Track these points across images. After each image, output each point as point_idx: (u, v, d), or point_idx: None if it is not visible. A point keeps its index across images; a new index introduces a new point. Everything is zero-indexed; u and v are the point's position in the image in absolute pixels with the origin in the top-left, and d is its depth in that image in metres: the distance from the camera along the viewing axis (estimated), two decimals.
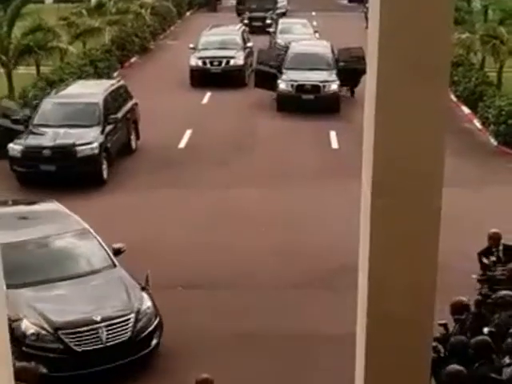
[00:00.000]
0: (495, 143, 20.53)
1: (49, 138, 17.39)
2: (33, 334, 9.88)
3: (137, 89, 22.00)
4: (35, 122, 18.03)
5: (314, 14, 42.84)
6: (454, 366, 7.10)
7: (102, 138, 17.65)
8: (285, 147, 20.23)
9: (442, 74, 3.47)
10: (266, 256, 13.58)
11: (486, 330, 8.11)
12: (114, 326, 10.08)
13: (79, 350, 9.87)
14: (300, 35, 30.68)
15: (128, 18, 33.52)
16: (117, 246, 11.40)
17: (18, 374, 7.22)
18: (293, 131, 21.53)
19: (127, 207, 16.04)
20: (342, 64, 24.43)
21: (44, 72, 24.59)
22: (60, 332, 9.91)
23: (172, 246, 13.88)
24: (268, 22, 37.64)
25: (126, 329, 10.13)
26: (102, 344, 9.94)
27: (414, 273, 3.60)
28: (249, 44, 29.02)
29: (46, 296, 10.48)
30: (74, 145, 17.16)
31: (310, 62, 24.59)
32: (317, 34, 33.00)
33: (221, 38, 28.88)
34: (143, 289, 10.63)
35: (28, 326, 9.92)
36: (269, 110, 23.57)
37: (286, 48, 26.13)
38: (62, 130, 17.57)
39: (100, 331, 9.95)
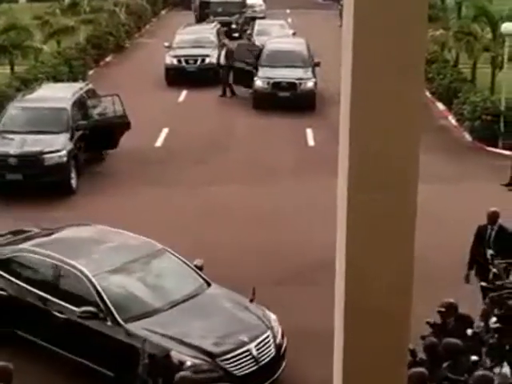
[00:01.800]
0: (470, 139, 20.71)
1: (15, 145, 16.71)
2: (191, 366, 9.10)
3: (112, 88, 21.90)
4: (1, 128, 17.35)
5: (288, 11, 42.87)
6: (418, 368, 7.18)
7: (70, 145, 17.07)
8: (261, 145, 20.27)
9: (417, 71, 3.49)
10: (246, 253, 13.61)
11: (469, 331, 8.19)
12: (261, 345, 9.61)
13: (239, 374, 9.34)
14: (279, 37, 30.15)
15: (102, 16, 33.37)
16: (196, 262, 10.92)
17: None
18: (269, 129, 21.58)
19: (102, 211, 15.87)
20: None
21: (19, 71, 24.40)
22: (218, 359, 9.26)
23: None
24: (233, 26, 35.37)
25: (270, 345, 9.67)
26: (256, 365, 9.46)
27: (390, 268, 3.63)
28: (225, 41, 29.00)
29: (175, 324, 9.73)
30: (41, 152, 16.53)
31: (285, 59, 24.64)
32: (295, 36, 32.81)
33: (196, 36, 28.85)
34: (251, 301, 10.24)
35: (182, 358, 9.20)
36: (245, 108, 23.60)
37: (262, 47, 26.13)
38: (28, 137, 16.89)
39: (253, 352, 9.45)
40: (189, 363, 9.09)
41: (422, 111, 3.73)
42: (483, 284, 9.86)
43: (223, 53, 25.67)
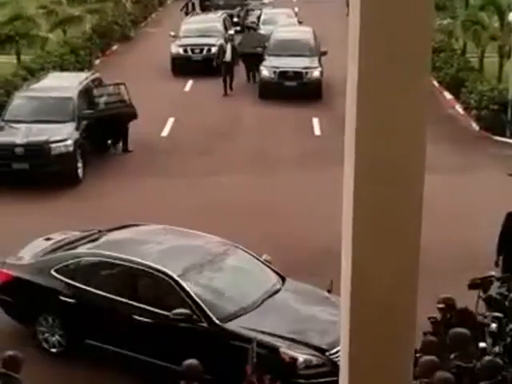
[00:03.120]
0: (477, 128, 20.62)
1: (21, 134, 16.65)
2: (303, 361, 8.94)
3: (118, 77, 21.85)
4: (6, 117, 17.32)
5: (294, 0, 42.70)
6: (428, 357, 7.17)
7: (76, 135, 17.02)
8: (267, 134, 20.22)
9: (424, 60, 3.46)
10: (252, 243, 13.57)
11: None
12: None
13: None
14: (285, 26, 29.87)
15: (108, 6, 33.31)
16: (264, 257, 10.75)
17: (5, 363, 7.22)
18: (275, 118, 21.52)
19: (109, 201, 15.87)
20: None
21: (25, 61, 24.38)
22: (328, 353, 8.99)
23: None
24: (235, 20, 33.28)
25: None
26: None
27: (396, 261, 3.61)
28: (230, 31, 28.90)
29: (270, 321, 9.50)
30: (47, 142, 16.47)
31: (291, 48, 24.54)
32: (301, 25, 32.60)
33: (202, 25, 28.74)
34: (328, 292, 10.07)
35: (293, 354, 8.96)
36: (251, 97, 23.54)
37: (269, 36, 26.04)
38: (34, 126, 16.84)
39: None
40: (301, 359, 8.89)
41: (429, 101, 3.70)
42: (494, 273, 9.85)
43: (229, 48, 24.62)
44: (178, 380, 7.53)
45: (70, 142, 16.71)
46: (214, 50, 26.84)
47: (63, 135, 16.74)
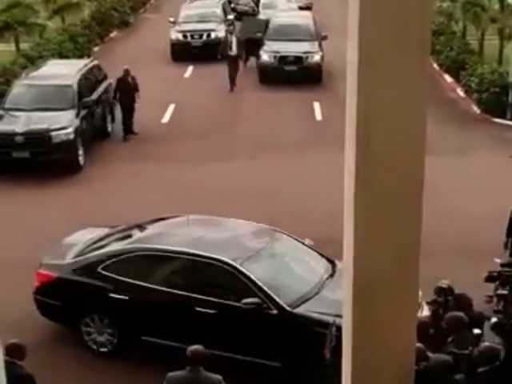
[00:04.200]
0: (478, 111, 20.60)
1: (21, 122, 16.59)
2: None
3: (117, 64, 21.82)
4: (6, 105, 17.28)
5: None
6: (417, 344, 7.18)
7: (77, 122, 16.95)
8: (268, 119, 20.20)
9: (424, 43, 3.47)
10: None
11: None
12: None
13: None
14: (284, 11, 29.69)
15: None
16: (307, 242, 10.69)
17: (10, 351, 7.27)
18: (276, 103, 21.49)
19: (111, 188, 15.88)
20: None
21: (23, 49, 24.34)
22: None
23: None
24: (233, 5, 32.02)
25: None
26: None
27: (398, 241, 3.63)
28: (229, 16, 28.80)
29: (337, 305, 9.10)
30: (48, 130, 16.42)
31: (292, 33, 24.49)
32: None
33: (201, 11, 28.66)
34: None
35: None
36: (251, 82, 23.50)
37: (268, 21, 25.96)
38: (34, 115, 16.78)
39: None
40: None
41: (429, 84, 3.71)
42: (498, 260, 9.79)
43: (234, 41, 23.44)
44: (184, 365, 7.56)
45: (70, 129, 16.66)
46: (213, 35, 26.78)
47: (64, 123, 16.69)
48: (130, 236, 10.93)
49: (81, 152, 16.97)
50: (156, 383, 8.08)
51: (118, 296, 10.00)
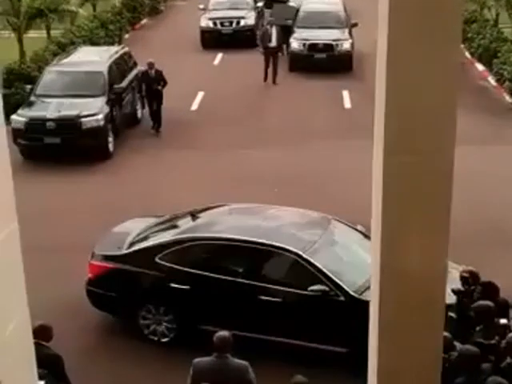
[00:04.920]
0: (510, 100, 20.35)
1: (52, 108, 16.73)
2: None
3: (147, 51, 21.88)
4: (37, 92, 17.43)
5: None
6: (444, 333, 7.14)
7: (107, 109, 17.04)
8: (297, 107, 20.15)
9: (455, 31, 3.43)
10: None
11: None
12: None
13: None
14: None
15: None
16: (360, 228, 10.62)
17: (37, 332, 7.36)
18: (305, 91, 21.41)
19: (140, 175, 15.97)
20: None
21: (55, 35, 24.50)
22: None
23: (181, 208, 13.42)
24: None
25: None
26: None
27: (426, 230, 3.61)
28: (259, 3, 28.70)
29: None
30: (79, 116, 16.53)
31: (321, 20, 24.35)
32: None
33: None
34: None
35: None
36: (281, 70, 23.40)
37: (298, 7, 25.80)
38: (65, 101, 16.91)
39: None
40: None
41: (460, 72, 3.67)
42: None
43: (275, 32, 22.33)
44: (211, 352, 7.59)
45: (100, 116, 16.75)
46: (243, 22, 26.71)
47: (94, 109, 16.79)
48: (182, 225, 10.76)
49: (111, 139, 17.05)
50: None
51: (178, 286, 9.91)
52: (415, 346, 3.73)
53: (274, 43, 22.24)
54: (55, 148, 16.61)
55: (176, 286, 9.94)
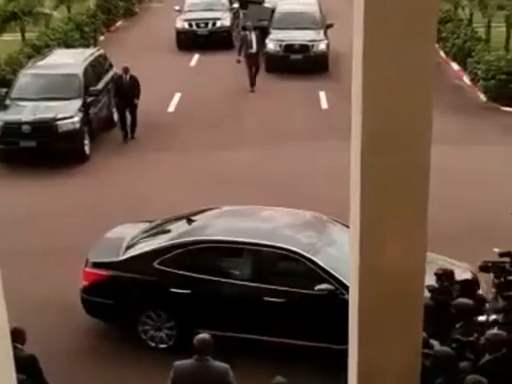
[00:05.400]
0: (484, 99, 20.52)
1: (28, 112, 16.59)
2: None
3: (123, 53, 21.82)
4: (12, 95, 17.28)
5: None
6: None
7: (83, 112, 16.92)
8: (274, 108, 20.18)
9: (430, 31, 3.46)
10: None
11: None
12: None
13: None
14: None
15: None
16: None
17: (11, 335, 7.31)
18: (282, 92, 21.45)
19: (117, 177, 15.91)
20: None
21: (30, 38, 24.33)
22: None
23: (162, 211, 13.00)
24: None
25: None
26: None
27: (405, 227, 3.64)
28: (235, 5, 28.71)
29: None
30: (54, 119, 16.42)
31: (297, 21, 24.39)
32: None
33: None
34: None
35: None
36: None
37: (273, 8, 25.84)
38: (41, 104, 16.79)
39: None
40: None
41: (436, 72, 3.70)
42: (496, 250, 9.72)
43: (254, 37, 21.90)
44: (191, 354, 7.57)
45: (76, 118, 16.67)
46: (219, 24, 26.69)
47: (70, 112, 16.70)
48: (177, 229, 10.58)
49: (87, 142, 16.96)
50: None
51: (179, 290, 9.80)
52: (394, 343, 3.75)
53: (254, 49, 21.96)
54: (31, 151, 16.49)
55: (177, 290, 9.82)
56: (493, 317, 8.04)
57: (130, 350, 10.00)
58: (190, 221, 10.72)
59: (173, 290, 9.83)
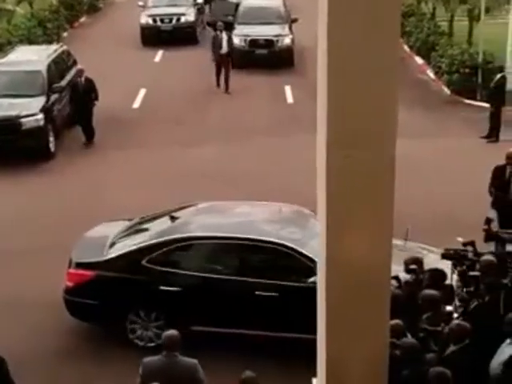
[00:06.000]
0: (448, 92, 20.74)
1: None
2: None
3: (87, 49, 21.64)
4: None
5: None
6: (393, 320, 7.26)
7: (47, 109, 16.70)
8: (240, 104, 20.18)
9: (393, 24, 3.49)
10: None
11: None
12: None
13: None
14: None
15: None
16: None
17: None
18: (248, 87, 21.46)
19: (83, 175, 15.79)
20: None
21: None
22: None
23: (132, 209, 12.84)
24: None
25: None
26: None
27: (371, 221, 3.67)
28: (199, 0, 28.61)
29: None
30: (18, 117, 16.19)
31: (261, 16, 24.41)
32: None
33: None
34: (405, 240, 9.97)
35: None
36: None
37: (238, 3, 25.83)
38: (4, 101, 16.55)
39: None
40: None
41: (400, 66, 3.74)
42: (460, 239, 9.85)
43: (225, 39, 21.66)
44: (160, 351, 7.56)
45: (40, 115, 16.46)
46: (183, 19, 26.59)
47: (34, 109, 16.49)
48: (160, 227, 10.43)
49: (51, 139, 16.76)
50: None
51: (169, 288, 9.69)
52: (362, 333, 3.79)
53: (224, 49, 21.65)
54: None
55: (167, 288, 9.71)
56: (458, 306, 8.15)
57: (115, 348, 9.86)
58: (172, 218, 10.55)
59: (162, 287, 9.72)
